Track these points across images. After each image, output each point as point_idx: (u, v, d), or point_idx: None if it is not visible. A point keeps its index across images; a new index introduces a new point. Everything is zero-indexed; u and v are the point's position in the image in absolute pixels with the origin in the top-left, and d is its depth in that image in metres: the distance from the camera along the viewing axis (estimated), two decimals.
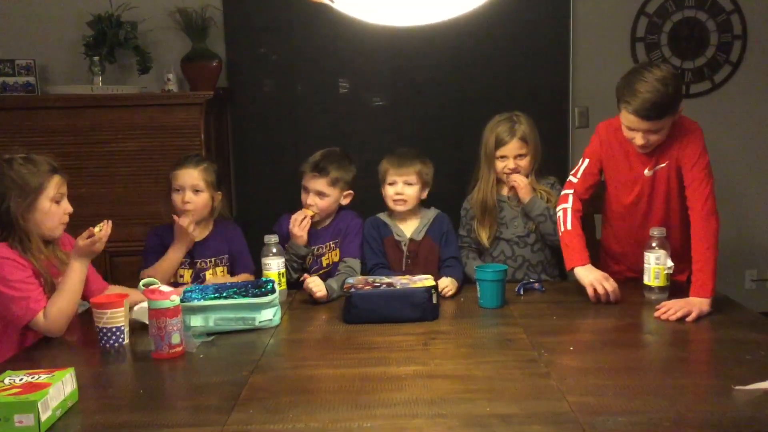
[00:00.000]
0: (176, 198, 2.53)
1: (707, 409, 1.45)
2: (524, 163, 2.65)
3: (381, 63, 3.82)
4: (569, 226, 2.42)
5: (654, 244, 2.24)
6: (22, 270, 2.01)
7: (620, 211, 2.49)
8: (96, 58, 3.55)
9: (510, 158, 2.64)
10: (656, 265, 2.22)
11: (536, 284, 2.41)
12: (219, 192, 2.61)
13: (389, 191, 2.62)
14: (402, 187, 2.60)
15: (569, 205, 2.45)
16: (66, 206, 2.17)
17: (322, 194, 2.63)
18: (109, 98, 3.44)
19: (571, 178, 2.53)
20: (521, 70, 3.82)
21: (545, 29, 3.82)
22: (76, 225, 2.26)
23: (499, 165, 2.66)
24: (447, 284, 2.40)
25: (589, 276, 2.27)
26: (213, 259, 2.59)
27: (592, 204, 2.70)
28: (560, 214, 2.46)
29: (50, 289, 2.08)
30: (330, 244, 2.67)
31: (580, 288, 2.27)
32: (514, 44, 3.81)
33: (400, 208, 2.62)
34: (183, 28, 3.59)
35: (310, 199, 2.63)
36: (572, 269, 2.35)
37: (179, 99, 3.48)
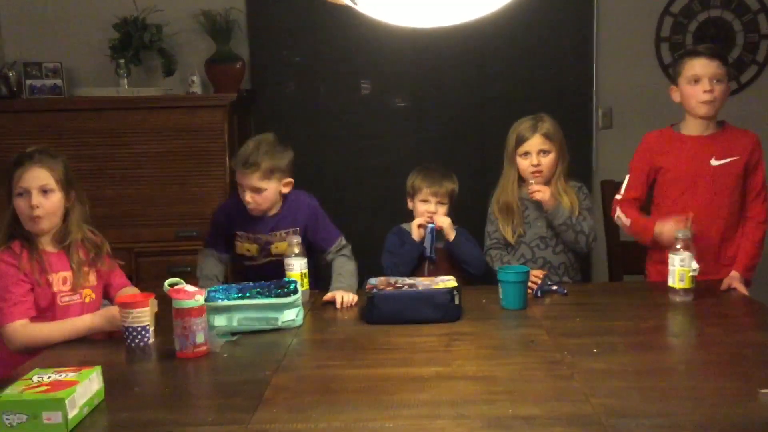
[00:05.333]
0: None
1: (732, 413, 1.43)
2: (548, 160, 2.62)
3: (403, 64, 3.82)
4: (628, 221, 2.57)
5: (679, 246, 2.22)
6: (4, 278, 2.05)
7: (678, 209, 2.50)
8: (122, 61, 3.59)
9: (533, 154, 2.62)
10: (681, 267, 2.20)
11: (554, 287, 2.39)
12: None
13: (420, 208, 2.67)
14: (435, 207, 2.64)
15: (619, 211, 2.60)
16: (31, 200, 2.08)
17: (258, 189, 2.45)
18: (134, 100, 3.48)
19: (616, 196, 2.64)
20: (544, 71, 3.80)
21: (569, 30, 3.80)
22: (103, 225, 2.29)
23: (523, 163, 2.64)
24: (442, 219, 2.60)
25: (665, 225, 2.42)
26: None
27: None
28: (617, 221, 2.62)
29: (47, 289, 2.11)
30: (281, 233, 2.53)
31: (603, 290, 2.26)
32: (537, 45, 3.79)
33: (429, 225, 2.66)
34: (207, 30, 3.62)
35: (248, 197, 2.46)
36: (655, 237, 2.49)
37: (203, 101, 3.52)
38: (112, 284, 2.31)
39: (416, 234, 2.64)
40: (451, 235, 2.63)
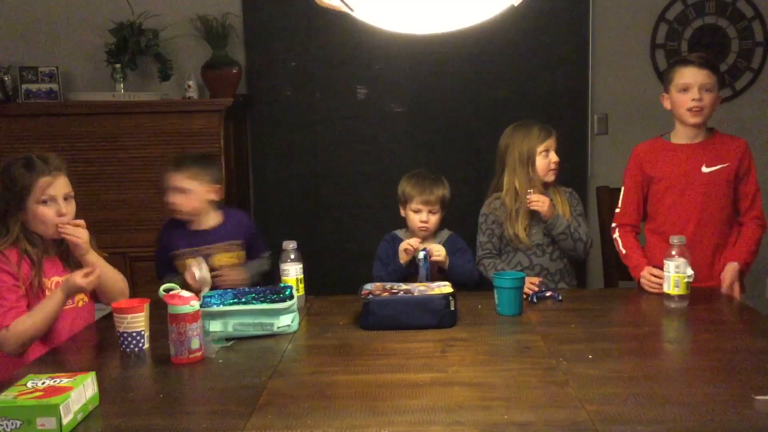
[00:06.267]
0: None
1: (727, 419, 1.43)
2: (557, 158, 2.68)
3: (399, 70, 3.84)
4: (623, 251, 2.58)
5: (674, 252, 2.22)
6: None
7: (671, 218, 2.52)
8: (118, 66, 3.59)
9: (551, 151, 2.66)
10: (676, 274, 2.20)
11: (549, 293, 2.39)
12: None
13: (414, 218, 2.65)
14: (427, 216, 2.63)
15: (617, 234, 2.61)
16: (60, 208, 2.12)
17: (182, 190, 2.56)
18: (130, 105, 3.48)
19: (616, 210, 2.66)
20: (540, 77, 3.82)
21: (564, 36, 3.82)
22: (98, 230, 2.29)
23: (543, 162, 2.65)
24: (438, 249, 2.54)
25: (647, 276, 2.41)
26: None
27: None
28: (614, 242, 2.63)
29: (40, 294, 2.11)
30: (222, 245, 2.63)
31: (599, 296, 2.27)
32: (533, 51, 3.81)
33: (423, 234, 2.65)
34: (203, 35, 3.63)
35: (171, 197, 2.57)
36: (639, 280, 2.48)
37: (199, 106, 3.52)
38: None
39: (402, 257, 2.57)
40: (446, 263, 2.59)
